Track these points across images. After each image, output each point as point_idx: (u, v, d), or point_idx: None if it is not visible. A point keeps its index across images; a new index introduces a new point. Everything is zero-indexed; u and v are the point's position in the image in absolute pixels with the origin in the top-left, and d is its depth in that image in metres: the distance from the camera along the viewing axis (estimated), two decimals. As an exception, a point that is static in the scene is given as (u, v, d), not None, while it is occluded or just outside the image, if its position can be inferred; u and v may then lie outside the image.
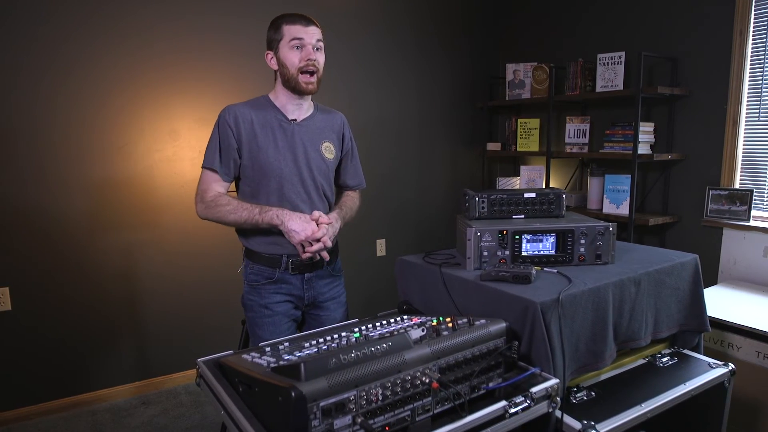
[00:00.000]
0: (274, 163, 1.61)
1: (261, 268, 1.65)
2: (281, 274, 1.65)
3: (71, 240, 2.61)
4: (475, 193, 1.63)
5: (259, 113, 1.63)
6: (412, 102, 3.57)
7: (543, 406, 1.15)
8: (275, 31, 1.59)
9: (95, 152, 2.62)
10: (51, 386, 2.62)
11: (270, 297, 1.65)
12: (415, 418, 1.03)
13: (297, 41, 1.56)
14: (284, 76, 1.60)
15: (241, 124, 1.60)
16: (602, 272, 1.45)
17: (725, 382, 1.52)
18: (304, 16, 1.59)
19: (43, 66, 2.47)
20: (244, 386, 1.09)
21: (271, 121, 1.63)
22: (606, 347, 1.36)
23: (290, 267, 1.64)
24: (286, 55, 1.57)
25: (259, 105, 1.65)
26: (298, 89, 1.60)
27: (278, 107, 1.65)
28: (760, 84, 2.54)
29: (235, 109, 1.62)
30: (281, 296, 1.66)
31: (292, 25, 1.56)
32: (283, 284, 1.65)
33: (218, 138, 1.61)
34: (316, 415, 0.90)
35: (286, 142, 1.63)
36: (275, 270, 1.64)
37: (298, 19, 1.57)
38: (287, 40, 1.56)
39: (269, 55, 1.62)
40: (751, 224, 2.54)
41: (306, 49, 1.56)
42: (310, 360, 0.94)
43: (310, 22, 1.59)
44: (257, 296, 1.66)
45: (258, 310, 1.65)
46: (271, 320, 1.64)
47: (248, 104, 1.65)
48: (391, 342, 1.03)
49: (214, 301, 2.99)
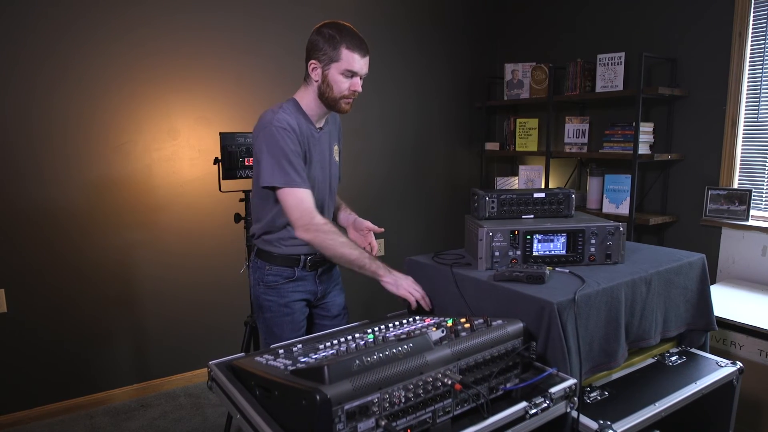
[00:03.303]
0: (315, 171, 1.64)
1: (280, 269, 1.66)
2: (300, 272, 1.67)
3: (68, 240, 2.57)
4: (485, 193, 1.63)
5: (300, 123, 1.58)
6: (410, 101, 3.56)
7: (561, 407, 1.15)
8: (331, 49, 1.52)
9: (93, 151, 2.58)
10: (48, 389, 2.58)
11: (290, 296, 1.67)
12: (436, 419, 1.02)
13: (351, 72, 1.54)
14: (323, 93, 1.57)
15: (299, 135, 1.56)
16: (613, 272, 1.45)
17: (734, 380, 1.53)
18: (364, 43, 1.56)
19: (39, 62, 2.42)
20: (261, 389, 1.07)
21: (307, 131, 1.60)
22: (619, 347, 1.37)
23: (308, 265, 1.67)
24: (336, 78, 1.54)
25: (295, 114, 1.59)
26: (336, 109, 1.61)
27: (309, 115, 1.62)
28: (759, 85, 2.57)
29: (285, 117, 1.53)
30: (299, 294, 1.69)
31: (352, 53, 1.52)
32: (300, 282, 1.68)
33: (288, 149, 1.51)
34: (341, 419, 0.89)
35: (317, 150, 1.64)
36: (294, 269, 1.66)
37: (357, 47, 1.53)
38: (342, 67, 1.53)
39: (313, 65, 1.55)
40: (749, 224, 2.57)
41: (355, 81, 1.56)
42: (333, 362, 0.92)
43: (367, 51, 1.57)
44: (277, 296, 1.66)
45: (277, 310, 1.67)
46: (291, 318, 1.67)
47: (287, 113, 1.56)
48: (412, 343, 1.02)
49: (214, 302, 2.96)
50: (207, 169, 2.85)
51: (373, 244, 1.74)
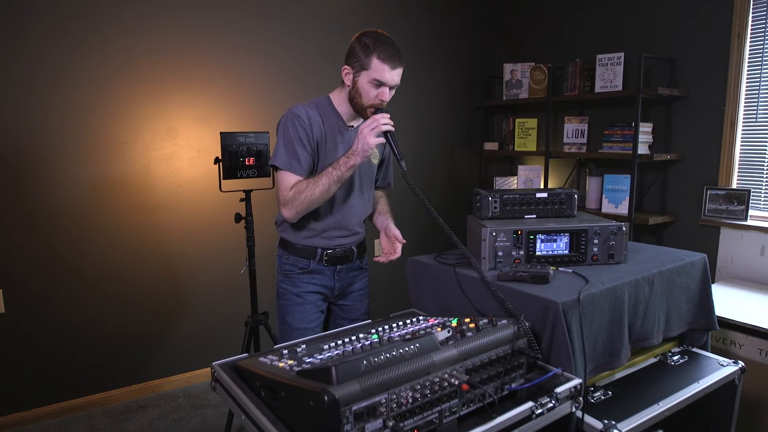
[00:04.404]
0: None
1: (296, 259, 1.72)
2: (315, 265, 1.72)
3: (67, 240, 2.55)
4: (488, 193, 1.63)
5: (324, 117, 1.65)
6: (409, 101, 3.56)
7: (567, 407, 1.14)
8: (365, 55, 1.56)
9: (91, 150, 2.57)
10: (46, 390, 2.56)
11: (303, 286, 1.72)
12: (443, 420, 1.02)
13: (379, 82, 1.57)
14: (353, 98, 1.62)
15: (314, 125, 1.62)
16: (617, 272, 1.45)
17: (735, 379, 1.53)
18: (397, 55, 1.57)
19: (37, 62, 2.41)
20: (266, 390, 1.06)
21: (333, 126, 1.67)
22: (622, 346, 1.37)
23: (324, 259, 1.71)
24: (364, 86, 1.58)
25: (323, 108, 1.67)
26: (362, 116, 1.64)
27: (340, 113, 1.68)
28: (758, 85, 2.58)
29: (306, 109, 1.62)
30: (314, 286, 1.74)
31: (382, 64, 1.54)
32: (316, 275, 1.73)
33: (295, 137, 1.59)
34: (349, 420, 0.88)
35: (344, 148, 1.66)
36: (310, 261, 1.72)
37: (389, 58, 1.55)
38: (371, 76, 1.56)
39: (346, 70, 1.61)
40: (748, 224, 2.58)
41: (383, 90, 1.58)
42: (340, 362, 0.92)
43: (400, 63, 1.58)
44: (290, 285, 1.73)
45: (290, 298, 1.73)
46: (302, 308, 1.72)
47: (313, 106, 1.65)
48: (419, 343, 1.02)
49: (213, 303, 2.95)
50: (206, 168, 2.84)
51: (397, 251, 1.74)
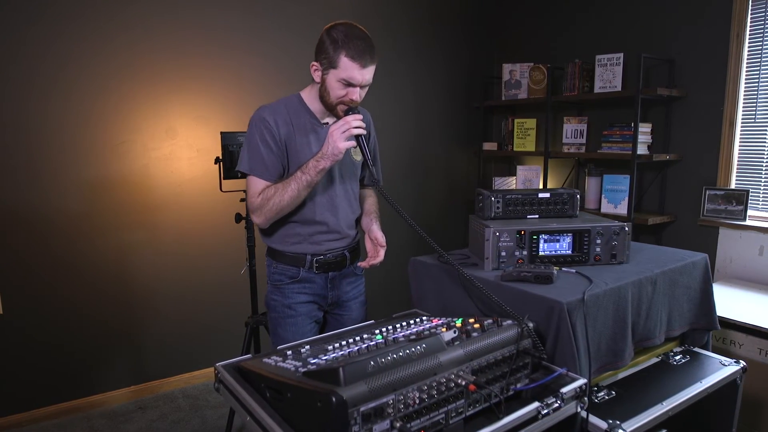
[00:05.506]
0: None
1: (285, 268, 1.62)
2: (305, 273, 1.62)
3: (65, 241, 2.53)
4: (491, 193, 1.63)
5: (293, 116, 1.57)
6: (408, 101, 3.56)
7: (572, 407, 1.15)
8: (333, 51, 1.45)
9: (90, 150, 2.55)
10: (44, 392, 2.55)
11: (294, 297, 1.62)
12: (449, 420, 1.02)
13: (347, 82, 1.47)
14: (322, 96, 1.54)
15: (281, 126, 1.54)
16: (620, 272, 1.45)
17: (737, 379, 1.54)
18: (368, 52, 1.47)
19: (36, 61, 2.39)
20: (272, 392, 1.06)
21: (305, 124, 1.58)
22: (626, 346, 1.37)
23: (314, 266, 1.61)
24: (332, 84, 1.49)
25: (292, 107, 1.58)
26: (334, 114, 1.56)
27: (312, 111, 1.60)
28: (756, 86, 2.59)
29: (271, 109, 1.55)
30: (305, 296, 1.63)
31: (352, 62, 1.44)
32: (307, 284, 1.63)
33: (260, 140, 1.52)
34: (356, 421, 0.88)
35: (318, 145, 1.57)
36: (299, 269, 1.61)
37: (359, 56, 1.44)
38: (340, 75, 1.46)
39: (315, 66, 1.52)
40: (747, 224, 2.59)
41: (352, 91, 1.48)
42: (348, 363, 0.92)
43: (371, 61, 1.48)
44: (281, 296, 1.63)
45: (281, 311, 1.62)
46: (294, 321, 1.61)
47: (281, 105, 1.58)
48: (425, 344, 1.02)
49: (212, 303, 2.94)
50: (206, 168, 2.83)
51: (380, 255, 1.62)
